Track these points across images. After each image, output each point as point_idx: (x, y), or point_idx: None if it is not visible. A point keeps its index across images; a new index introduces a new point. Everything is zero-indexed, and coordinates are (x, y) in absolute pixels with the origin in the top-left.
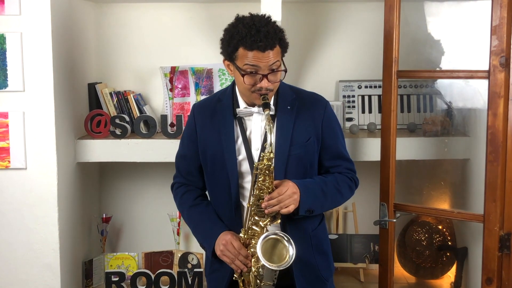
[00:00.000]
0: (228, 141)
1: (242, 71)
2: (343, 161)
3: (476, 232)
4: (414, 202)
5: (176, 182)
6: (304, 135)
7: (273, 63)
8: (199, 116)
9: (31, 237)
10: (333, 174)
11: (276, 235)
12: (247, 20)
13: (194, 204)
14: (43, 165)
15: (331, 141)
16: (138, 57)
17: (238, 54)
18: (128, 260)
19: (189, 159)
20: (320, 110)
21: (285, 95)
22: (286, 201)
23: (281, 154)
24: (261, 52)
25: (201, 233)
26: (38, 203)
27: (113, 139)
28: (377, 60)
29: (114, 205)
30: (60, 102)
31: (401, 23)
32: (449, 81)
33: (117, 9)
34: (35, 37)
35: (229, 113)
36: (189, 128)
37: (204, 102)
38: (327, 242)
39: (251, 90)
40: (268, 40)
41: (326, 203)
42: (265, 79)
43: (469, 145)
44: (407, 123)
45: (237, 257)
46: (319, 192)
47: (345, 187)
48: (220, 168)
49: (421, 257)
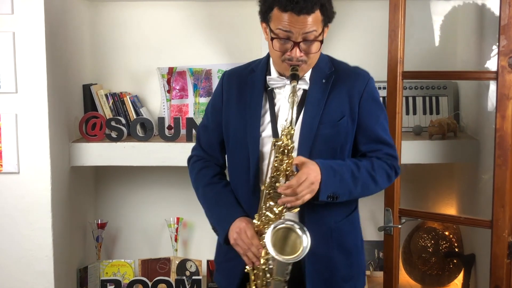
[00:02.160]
0: (254, 115)
1: (273, 34)
2: (383, 145)
3: (484, 239)
4: (420, 207)
5: (194, 155)
6: (337, 113)
7: (309, 31)
8: (227, 84)
9: (24, 243)
10: (370, 158)
11: (288, 224)
12: None
13: (211, 183)
14: (37, 169)
15: (370, 122)
16: (134, 57)
17: (272, 15)
18: (124, 267)
19: (211, 131)
20: (360, 86)
21: (322, 67)
22: (303, 191)
23: (308, 133)
24: (296, 16)
25: (216, 216)
26: (31, 209)
27: (109, 142)
28: (381, 61)
29: (110, 210)
30: (54, 104)
31: (406, 22)
32: (456, 82)
33: (113, 8)
34: (28, 37)
35: (259, 85)
36: (215, 97)
37: (235, 70)
38: (355, 238)
39: (281, 58)
40: (307, 3)
41: (356, 190)
42: (296, 48)
43: (477, 148)
44: (412, 125)
45: (250, 248)
46: (348, 175)
47: (382, 174)
48: (241, 145)
49: (427, 264)
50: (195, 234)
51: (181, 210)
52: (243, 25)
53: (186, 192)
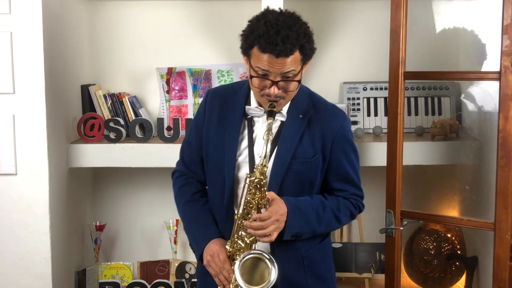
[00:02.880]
0: (232, 140)
1: (253, 71)
2: (351, 186)
3: (487, 241)
4: (422, 209)
5: (177, 170)
6: (310, 150)
7: (288, 71)
8: (211, 103)
9: (22, 245)
10: (337, 198)
11: (258, 254)
12: (271, 17)
13: (191, 200)
14: (34, 170)
15: (340, 163)
16: (133, 57)
17: (252, 52)
18: (123, 270)
19: (194, 148)
20: (335, 127)
21: (301, 102)
22: (269, 227)
23: (280, 167)
24: (275, 57)
25: (193, 233)
26: (28, 210)
27: (107, 143)
28: (383, 61)
29: (109, 212)
30: (52, 104)
31: (408, 22)
32: (458, 83)
33: (111, 8)
34: (25, 37)
35: (240, 110)
36: (198, 115)
37: (220, 90)
38: (326, 264)
39: (260, 93)
40: (286, 45)
41: (319, 229)
42: (274, 86)
43: (479, 149)
44: (414, 126)
45: (221, 271)
46: (313, 216)
47: (346, 213)
48: (218, 168)
49: (429, 267)
50: None
51: None
52: (243, 25)
53: None
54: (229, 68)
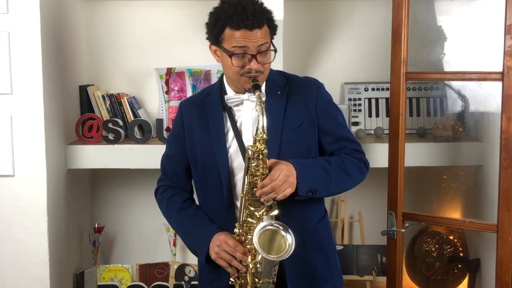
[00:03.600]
0: (218, 134)
1: (230, 52)
2: (348, 142)
3: (489, 243)
4: (424, 211)
5: (162, 186)
6: (296, 120)
7: (262, 43)
8: (186, 112)
9: (19, 248)
10: (339, 155)
11: (272, 225)
12: (234, 1)
13: (183, 208)
14: (32, 172)
15: (329, 124)
16: (132, 57)
17: (225, 35)
18: (121, 273)
19: (176, 159)
20: (313, 93)
21: (275, 80)
22: (281, 186)
23: (273, 142)
24: (249, 31)
25: (192, 238)
26: (26, 212)
27: (106, 144)
28: (384, 61)
29: (107, 214)
30: (50, 105)
31: (410, 22)
32: (461, 83)
33: (110, 7)
34: (23, 37)
35: (217, 105)
36: (175, 126)
37: (191, 98)
38: (330, 240)
39: (239, 73)
40: (256, 18)
41: (331, 184)
42: (254, 60)
43: (482, 150)
44: (416, 127)
45: (234, 255)
46: (320, 170)
47: (353, 167)
48: (210, 165)
49: (431, 269)
50: None
51: None
52: None
53: None
54: None
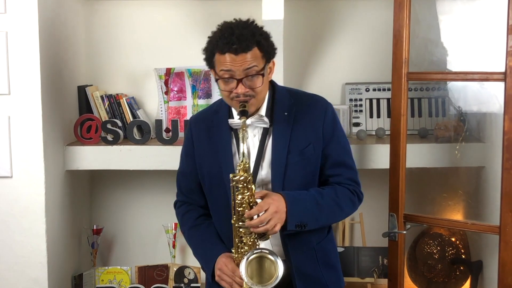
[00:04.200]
0: (225, 156)
1: (217, 76)
2: (345, 169)
3: (492, 245)
4: (426, 212)
5: (178, 201)
6: (303, 141)
7: (250, 67)
8: (196, 130)
9: (17, 249)
10: (332, 186)
11: (257, 252)
12: (226, 25)
13: (194, 225)
14: (30, 173)
15: (332, 147)
16: (131, 58)
17: (215, 59)
18: (120, 275)
19: (189, 176)
20: (320, 114)
21: (282, 100)
22: (270, 221)
23: (279, 164)
24: (234, 55)
25: (201, 256)
26: (24, 214)
27: (105, 145)
28: (386, 61)
29: (106, 215)
30: (48, 106)
31: (411, 21)
32: (463, 84)
33: (109, 7)
34: (21, 37)
35: (225, 125)
36: (186, 144)
37: (200, 114)
38: (335, 254)
39: (230, 97)
40: (241, 42)
41: (322, 217)
42: (240, 84)
43: (484, 151)
44: (418, 128)
45: (234, 279)
46: (312, 204)
47: (346, 200)
48: (217, 185)
49: (433, 271)
50: None
51: None
52: None
53: None
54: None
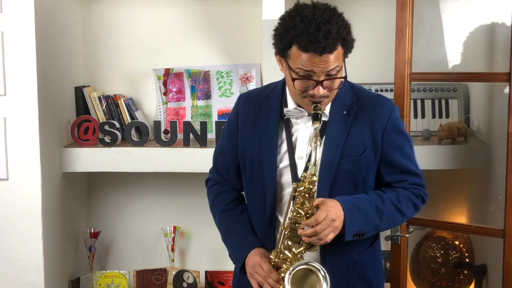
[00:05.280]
0: (270, 146)
1: (294, 73)
2: (409, 175)
3: (496, 248)
4: (429, 215)
5: (211, 179)
6: (359, 147)
7: (332, 68)
8: (243, 109)
9: (13, 253)
10: (395, 189)
11: (311, 266)
12: (307, 12)
13: (227, 209)
14: (26, 175)
15: (394, 154)
16: (129, 58)
17: (291, 52)
18: (118, 279)
19: (229, 157)
20: (383, 118)
21: (343, 97)
22: (325, 231)
23: (328, 168)
24: (318, 56)
25: (231, 244)
26: (20, 217)
27: (102, 147)
28: (388, 61)
29: (103, 219)
30: (45, 107)
31: (414, 21)
32: (467, 84)
33: (106, 7)
34: (17, 37)
35: (275, 113)
36: (230, 122)
37: (251, 94)
38: (376, 269)
39: (302, 95)
40: (328, 41)
41: (382, 224)
42: (319, 86)
43: (489, 153)
44: (421, 129)
45: (267, 281)
46: (372, 211)
47: (408, 205)
48: (257, 175)
49: (436, 275)
50: (193, 244)
51: (178, 219)
52: (243, 24)
53: (183, 200)
54: (228, 69)
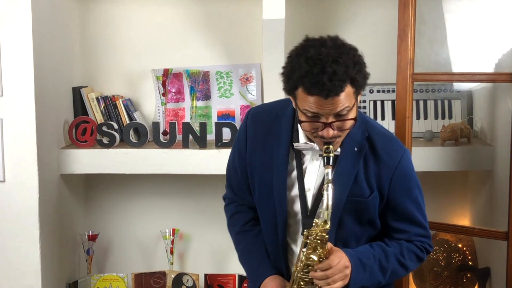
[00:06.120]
0: (280, 175)
1: (301, 114)
2: (415, 226)
3: (500, 251)
4: (431, 218)
5: (227, 198)
6: (366, 189)
7: (341, 109)
8: (252, 128)
9: (10, 256)
10: (399, 242)
11: None
12: (313, 52)
13: (243, 231)
14: (23, 177)
15: (401, 201)
16: (127, 58)
17: (297, 93)
18: (116, 282)
19: (240, 175)
20: (392, 164)
21: (355, 133)
22: (335, 276)
23: (336, 206)
24: (324, 99)
25: (247, 267)
26: (17, 219)
27: (100, 148)
28: (390, 62)
29: (101, 221)
30: (42, 108)
31: (417, 21)
32: (470, 85)
33: (104, 6)
34: (14, 37)
35: (285, 139)
36: (239, 141)
37: (261, 112)
38: None
39: (312, 134)
40: (334, 83)
41: (385, 279)
42: (328, 128)
43: (492, 155)
44: (423, 131)
45: None
46: (376, 267)
47: (412, 259)
48: (266, 200)
49: (439, 279)
50: (192, 247)
51: (177, 221)
52: (243, 23)
53: (182, 202)
54: (228, 69)
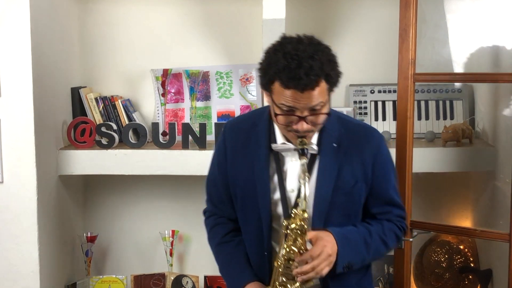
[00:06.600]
0: (262, 178)
1: (277, 108)
2: (394, 207)
3: (502, 253)
4: (433, 219)
5: (207, 211)
6: (351, 179)
7: (316, 104)
8: (230, 139)
9: (8, 258)
10: (380, 221)
11: None
12: (290, 48)
13: (223, 242)
14: (21, 178)
15: (382, 186)
16: (126, 58)
17: (274, 87)
18: (115, 284)
19: (221, 186)
20: (372, 150)
21: (331, 129)
22: (321, 265)
23: (322, 203)
24: (300, 92)
25: (227, 278)
26: (16, 221)
27: (99, 149)
28: (391, 62)
29: (100, 222)
30: (40, 108)
31: (418, 21)
32: (472, 85)
33: (103, 6)
34: (12, 37)
35: (264, 144)
36: (218, 152)
37: (237, 123)
38: None
39: (286, 129)
40: (310, 77)
41: (368, 257)
42: (302, 122)
43: (494, 156)
44: (424, 131)
45: None
46: (361, 244)
47: (392, 237)
48: (251, 207)
49: (441, 280)
50: (192, 248)
51: (177, 222)
52: (243, 23)
53: (182, 203)
54: (228, 69)
